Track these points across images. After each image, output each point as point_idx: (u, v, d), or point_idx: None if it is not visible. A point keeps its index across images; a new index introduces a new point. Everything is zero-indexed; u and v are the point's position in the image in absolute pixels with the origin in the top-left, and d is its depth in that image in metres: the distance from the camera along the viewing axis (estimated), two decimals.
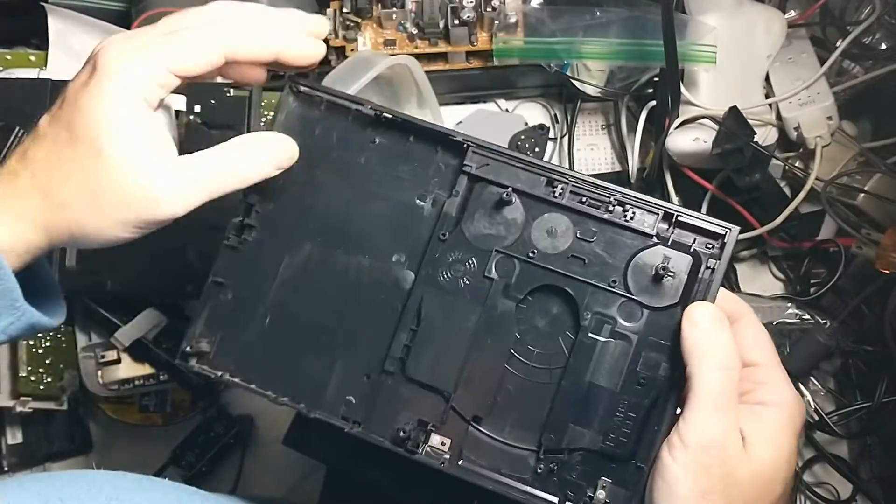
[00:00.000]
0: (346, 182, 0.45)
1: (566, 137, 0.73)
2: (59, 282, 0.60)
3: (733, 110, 0.64)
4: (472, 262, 0.43)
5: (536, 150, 0.72)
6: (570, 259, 0.42)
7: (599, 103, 0.75)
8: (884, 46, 0.71)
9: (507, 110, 0.75)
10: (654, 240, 0.42)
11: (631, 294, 0.42)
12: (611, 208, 0.42)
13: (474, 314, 0.43)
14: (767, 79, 0.69)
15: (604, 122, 0.75)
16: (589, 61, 0.71)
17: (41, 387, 0.65)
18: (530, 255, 0.42)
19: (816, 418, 0.64)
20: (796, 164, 0.68)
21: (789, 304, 0.66)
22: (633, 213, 0.42)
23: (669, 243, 0.42)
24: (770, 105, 0.68)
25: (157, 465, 0.67)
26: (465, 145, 0.43)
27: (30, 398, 0.65)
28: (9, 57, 0.70)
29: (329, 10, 0.70)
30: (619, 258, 0.42)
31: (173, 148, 0.40)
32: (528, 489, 0.41)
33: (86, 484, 0.40)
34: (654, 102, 0.69)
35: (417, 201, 0.44)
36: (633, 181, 0.71)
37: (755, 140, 0.64)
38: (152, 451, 0.68)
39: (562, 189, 0.42)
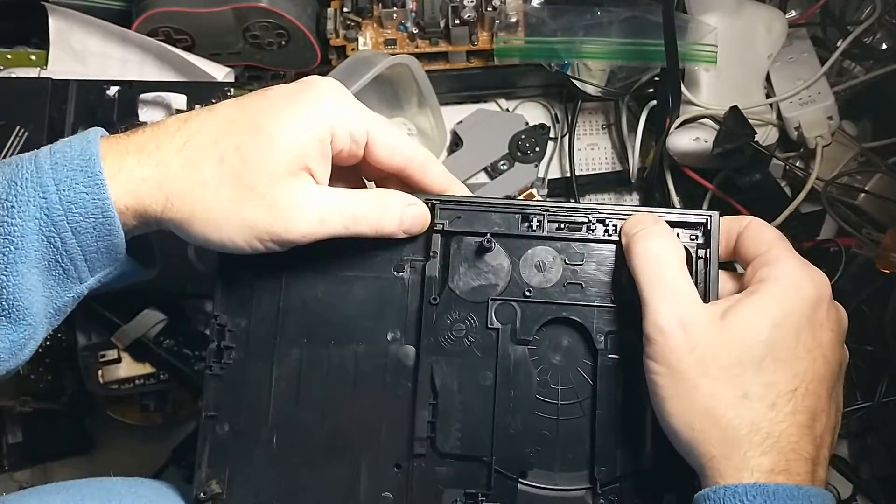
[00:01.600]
0: (315, 275, 0.42)
1: (567, 137, 0.73)
2: None
3: (734, 110, 0.64)
4: (472, 318, 0.42)
5: (537, 149, 0.72)
6: (566, 287, 0.41)
7: (600, 103, 0.75)
8: (884, 46, 0.71)
9: (507, 110, 0.75)
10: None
11: (635, 304, 0.40)
12: (591, 227, 0.42)
13: (489, 369, 0.41)
14: (768, 78, 0.69)
15: (604, 122, 0.75)
16: (589, 61, 0.71)
17: (41, 386, 0.65)
18: (527, 294, 0.42)
19: None
20: (797, 164, 0.68)
21: None
22: (614, 225, 0.41)
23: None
24: (771, 105, 0.68)
25: (157, 465, 0.67)
26: (430, 204, 0.42)
27: (30, 397, 0.65)
28: (9, 56, 0.70)
29: (329, 10, 0.70)
30: (613, 273, 0.41)
31: (327, 179, 0.40)
32: None
33: (105, 492, 0.40)
34: (654, 102, 0.69)
35: (396, 273, 0.42)
36: (633, 181, 0.71)
37: (756, 140, 0.64)
38: (152, 451, 0.68)
39: (538, 221, 0.42)
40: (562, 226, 0.42)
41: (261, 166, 0.37)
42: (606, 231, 0.41)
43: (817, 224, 0.69)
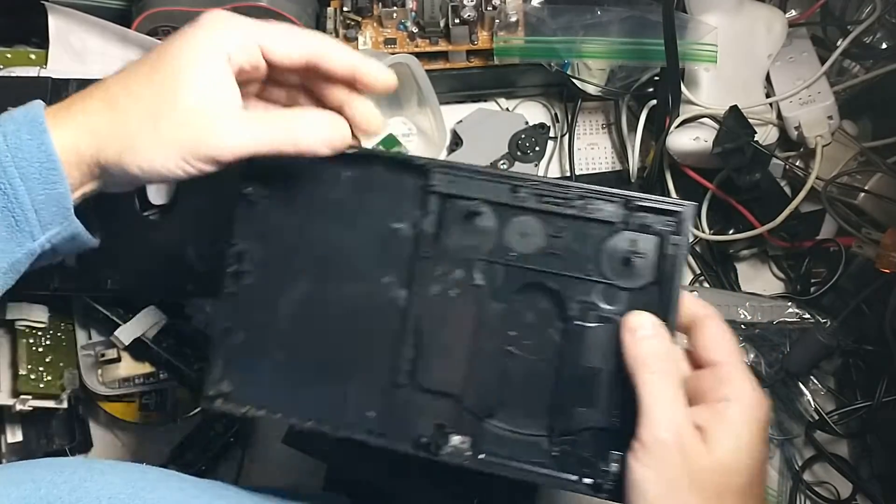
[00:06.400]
0: (325, 218, 0.47)
1: (566, 136, 0.73)
2: (59, 281, 0.60)
3: (734, 109, 0.64)
4: (458, 273, 0.46)
5: (537, 148, 0.72)
6: (546, 256, 0.45)
7: (600, 102, 0.75)
8: (884, 46, 0.71)
9: (507, 109, 0.75)
10: (619, 226, 0.44)
11: (608, 279, 0.44)
12: (573, 203, 0.45)
13: (469, 319, 0.45)
14: (768, 78, 0.69)
15: (604, 122, 0.75)
16: (589, 60, 0.71)
17: (41, 385, 0.65)
18: (509, 258, 0.45)
19: (816, 417, 0.64)
20: (797, 164, 0.68)
21: (789, 304, 0.66)
22: (595, 204, 0.45)
23: (633, 227, 0.44)
24: (770, 104, 0.68)
25: (157, 464, 0.67)
26: (426, 167, 0.46)
27: (30, 396, 0.65)
28: (9, 55, 0.70)
29: (329, 9, 0.70)
30: (590, 248, 0.45)
31: (240, 101, 0.42)
32: (547, 471, 0.44)
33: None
34: (654, 101, 0.69)
35: (395, 224, 0.46)
36: (633, 180, 0.71)
37: (756, 139, 0.64)
38: (152, 450, 0.68)
39: (525, 193, 0.45)
40: (546, 199, 0.45)
41: (176, 97, 0.41)
42: (587, 209, 0.45)
43: (817, 223, 0.69)
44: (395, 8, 0.69)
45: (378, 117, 0.46)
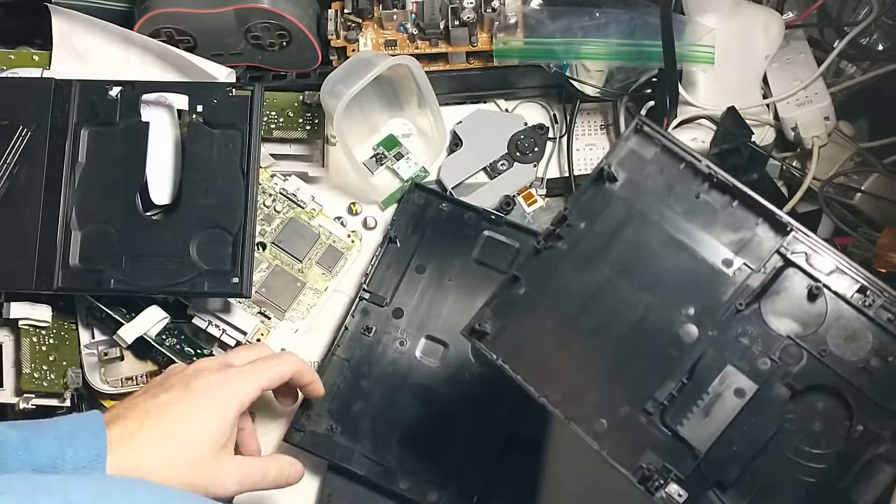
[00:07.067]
0: (659, 225, 0.46)
1: (565, 137, 0.74)
2: (63, 281, 0.61)
3: (731, 110, 0.64)
4: (760, 340, 0.44)
5: (536, 149, 0.73)
6: (860, 370, 0.42)
7: (598, 103, 0.75)
8: (881, 47, 0.71)
9: (506, 110, 0.75)
10: None
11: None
12: None
13: (748, 388, 0.43)
14: (765, 79, 0.69)
15: (603, 123, 0.76)
16: (588, 62, 0.71)
17: (44, 384, 0.65)
18: (821, 353, 0.43)
19: None
20: (794, 164, 0.69)
21: None
22: None
23: None
24: (768, 105, 0.68)
25: None
26: (789, 228, 0.44)
27: (33, 395, 0.66)
28: (12, 56, 0.70)
29: (330, 11, 0.70)
30: None
31: (233, 446, 0.53)
32: None
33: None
34: (652, 103, 0.69)
35: (722, 265, 0.45)
36: None
37: (753, 140, 0.64)
38: None
39: (873, 300, 0.43)
40: (893, 318, 0.42)
41: (192, 449, 0.50)
42: None
43: (814, 224, 0.69)
44: (395, 10, 0.69)
45: (321, 388, 0.62)
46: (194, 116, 0.63)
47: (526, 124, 0.73)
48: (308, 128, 0.71)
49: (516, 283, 0.47)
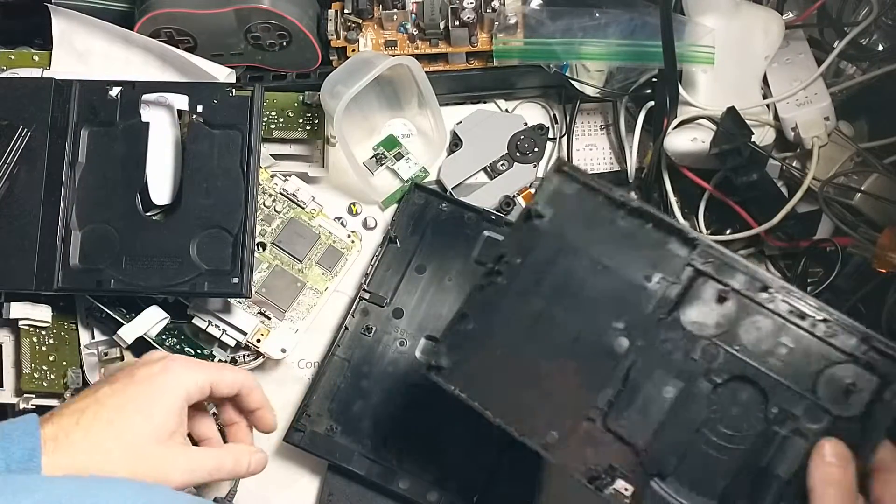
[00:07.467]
0: (585, 252, 0.51)
1: (565, 138, 0.74)
2: (62, 281, 0.61)
3: (731, 111, 0.64)
4: (681, 343, 0.49)
5: (536, 149, 0.73)
6: (770, 359, 0.47)
7: (598, 104, 0.75)
8: (881, 47, 0.71)
9: (506, 110, 0.75)
10: (848, 357, 0.46)
11: (818, 399, 0.46)
12: (815, 323, 0.47)
13: (675, 387, 0.48)
14: (765, 79, 0.69)
15: (602, 123, 0.76)
16: (588, 62, 0.71)
17: (44, 384, 0.65)
18: (735, 347, 0.48)
19: None
20: (793, 164, 0.69)
21: None
22: (835, 330, 0.47)
23: (861, 363, 0.46)
24: (768, 105, 0.68)
25: None
26: (696, 242, 0.49)
27: (33, 395, 0.66)
28: (12, 56, 0.70)
29: (330, 11, 0.70)
30: (814, 366, 0.47)
31: (185, 434, 0.53)
32: None
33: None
34: (652, 103, 0.69)
35: (643, 281, 0.50)
36: (631, 181, 0.72)
37: (753, 140, 0.64)
38: None
39: (776, 297, 0.48)
40: (792, 311, 0.48)
41: (132, 440, 0.49)
42: (826, 332, 0.47)
43: (814, 224, 0.69)
44: (395, 10, 0.69)
45: (272, 421, 0.59)
46: (194, 116, 0.63)
47: (526, 124, 0.74)
48: (308, 128, 0.71)
49: (465, 319, 0.52)
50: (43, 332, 0.66)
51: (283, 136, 0.71)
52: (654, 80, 0.70)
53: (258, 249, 0.67)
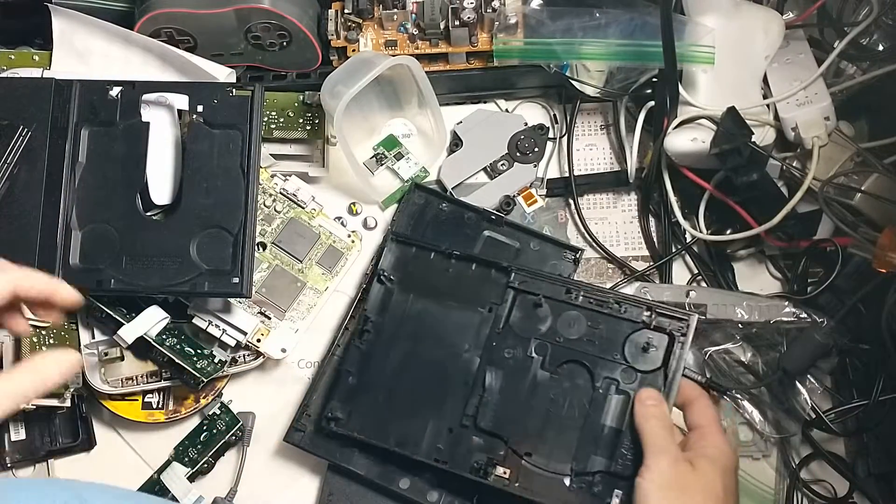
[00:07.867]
0: (430, 299, 0.64)
1: (565, 137, 0.74)
2: (63, 279, 0.61)
3: (731, 111, 0.64)
4: (519, 348, 0.62)
5: (536, 149, 0.73)
6: (585, 341, 0.61)
7: (598, 104, 0.75)
8: (881, 47, 0.71)
9: (506, 110, 0.75)
10: (641, 325, 0.60)
11: (628, 363, 0.60)
12: (611, 305, 0.61)
13: (522, 382, 0.61)
14: (765, 79, 0.69)
15: (603, 123, 0.76)
16: (588, 62, 0.71)
17: None
18: (557, 339, 0.61)
19: (813, 416, 0.65)
20: (794, 164, 0.69)
21: (786, 303, 0.67)
22: (626, 307, 0.61)
23: (653, 327, 0.60)
24: (768, 105, 0.68)
25: (159, 462, 0.68)
26: (509, 269, 0.63)
27: None
28: (13, 56, 0.70)
29: (330, 11, 0.70)
30: (618, 338, 0.60)
31: None
32: (566, 501, 0.57)
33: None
34: (652, 103, 0.70)
35: (480, 309, 0.63)
36: (631, 181, 0.72)
37: (753, 140, 0.64)
38: (154, 448, 0.68)
39: (576, 295, 0.62)
40: (591, 301, 0.61)
41: None
42: (620, 310, 0.60)
43: (814, 224, 0.69)
44: (395, 10, 0.69)
45: (71, 292, 0.50)
46: (194, 116, 0.63)
47: (526, 124, 0.74)
48: (308, 128, 0.71)
49: (347, 375, 0.63)
50: (43, 332, 0.66)
51: (283, 136, 0.71)
52: (655, 80, 0.70)
53: (258, 249, 0.67)
